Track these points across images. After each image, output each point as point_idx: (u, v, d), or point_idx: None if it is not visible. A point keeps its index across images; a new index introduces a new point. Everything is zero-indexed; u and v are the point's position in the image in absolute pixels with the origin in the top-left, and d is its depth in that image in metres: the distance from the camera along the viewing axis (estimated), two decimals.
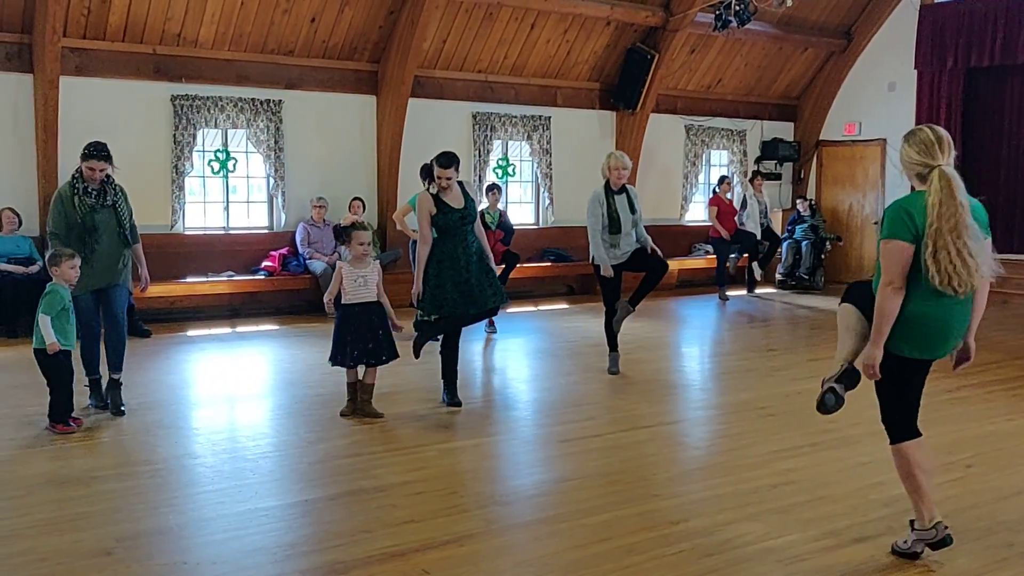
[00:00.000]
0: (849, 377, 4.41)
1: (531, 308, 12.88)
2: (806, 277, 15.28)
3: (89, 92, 10.61)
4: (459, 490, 5.19)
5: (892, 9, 15.53)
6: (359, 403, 6.75)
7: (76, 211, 6.65)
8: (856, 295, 4.45)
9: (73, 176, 6.75)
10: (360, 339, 6.60)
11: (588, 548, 4.34)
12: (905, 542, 4.31)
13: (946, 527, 4.20)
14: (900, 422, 4.26)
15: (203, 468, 5.58)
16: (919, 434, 4.27)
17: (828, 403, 4.40)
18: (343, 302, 6.66)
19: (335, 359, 6.69)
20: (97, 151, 6.67)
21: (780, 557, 4.26)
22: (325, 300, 6.75)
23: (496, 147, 13.73)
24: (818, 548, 4.37)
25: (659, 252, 8.27)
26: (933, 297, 4.03)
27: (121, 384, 6.86)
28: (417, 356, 7.05)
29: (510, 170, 14.05)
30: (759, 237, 14.19)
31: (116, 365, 6.84)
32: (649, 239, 8.28)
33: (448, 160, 6.84)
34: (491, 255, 7.22)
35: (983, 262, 3.98)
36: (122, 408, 6.77)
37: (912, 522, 4.30)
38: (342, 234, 6.79)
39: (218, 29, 11.16)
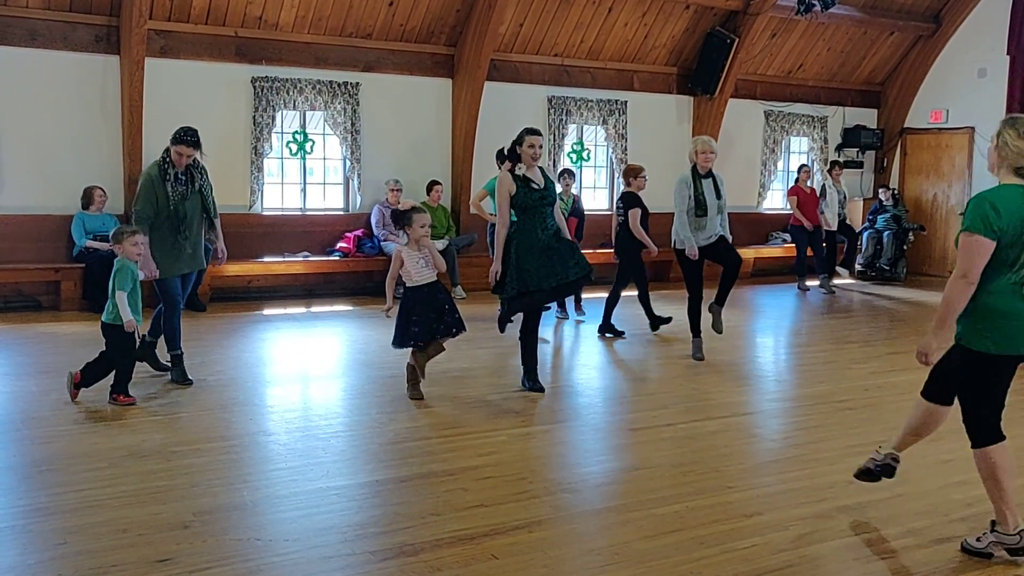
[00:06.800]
0: (887, 471, 4.66)
1: (603, 294, 12.76)
2: (887, 268, 14.91)
3: (173, 73, 10.83)
4: (528, 476, 5.17)
5: None
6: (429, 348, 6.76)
7: (168, 199, 6.76)
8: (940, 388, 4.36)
9: (163, 158, 6.83)
10: (425, 319, 6.61)
11: (658, 539, 4.29)
12: (979, 540, 4.17)
13: None
14: (985, 425, 4.08)
15: (276, 446, 5.67)
16: (1003, 436, 4.11)
17: (862, 479, 4.72)
18: (409, 285, 6.69)
19: (401, 341, 6.67)
20: (188, 137, 6.76)
21: (857, 555, 4.16)
22: (388, 283, 6.79)
23: (571, 131, 13.64)
24: (896, 548, 4.25)
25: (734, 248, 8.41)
26: (1019, 292, 3.89)
27: (155, 345, 7.28)
28: (502, 331, 7.11)
29: (585, 155, 13.96)
30: (835, 229, 13.89)
31: (157, 332, 7.20)
32: (729, 236, 8.37)
33: (537, 129, 6.97)
34: (571, 240, 7.19)
35: None
36: (164, 364, 7.21)
37: (993, 523, 4.16)
38: (401, 218, 6.76)
39: (298, 12, 11.28)
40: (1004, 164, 3.97)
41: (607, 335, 9.39)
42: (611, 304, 9.46)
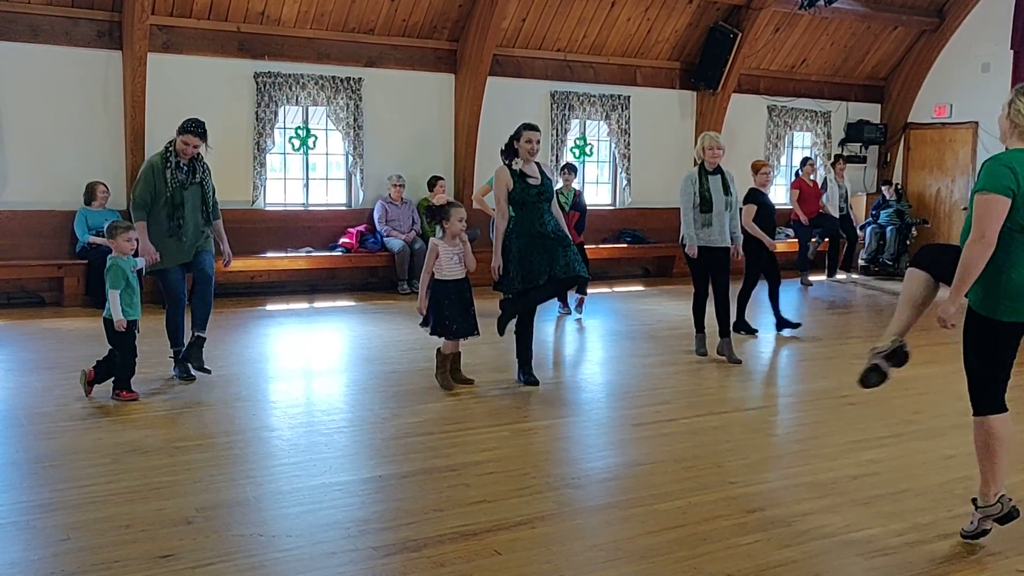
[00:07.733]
0: (897, 356, 4.36)
1: (607, 290, 12.79)
2: (890, 263, 14.91)
3: (175, 69, 10.82)
4: (531, 471, 5.17)
5: None
6: (450, 373, 6.92)
7: (167, 185, 6.78)
8: (929, 259, 4.27)
9: (166, 148, 6.88)
10: (456, 313, 6.75)
11: (661, 534, 4.29)
12: (972, 524, 4.18)
13: (1010, 499, 4.09)
14: (989, 393, 4.07)
15: (280, 441, 5.67)
16: (1006, 408, 4.10)
17: (870, 381, 4.41)
18: (438, 277, 6.78)
19: (437, 330, 6.80)
20: (195, 127, 6.82)
21: (860, 551, 4.15)
22: (423, 279, 6.84)
23: (574, 126, 13.64)
24: (900, 543, 4.24)
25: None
26: None
27: (204, 341, 6.91)
28: (502, 334, 7.04)
29: (588, 150, 13.94)
30: (837, 217, 13.89)
31: (202, 323, 6.91)
32: (741, 236, 8.34)
33: (535, 125, 7.01)
34: (569, 236, 7.20)
35: None
36: (205, 367, 6.86)
37: (974, 500, 4.19)
38: (438, 213, 6.85)
39: (300, 7, 11.27)
40: (1016, 132, 3.96)
41: (741, 332, 9.28)
42: (742, 301, 9.36)
